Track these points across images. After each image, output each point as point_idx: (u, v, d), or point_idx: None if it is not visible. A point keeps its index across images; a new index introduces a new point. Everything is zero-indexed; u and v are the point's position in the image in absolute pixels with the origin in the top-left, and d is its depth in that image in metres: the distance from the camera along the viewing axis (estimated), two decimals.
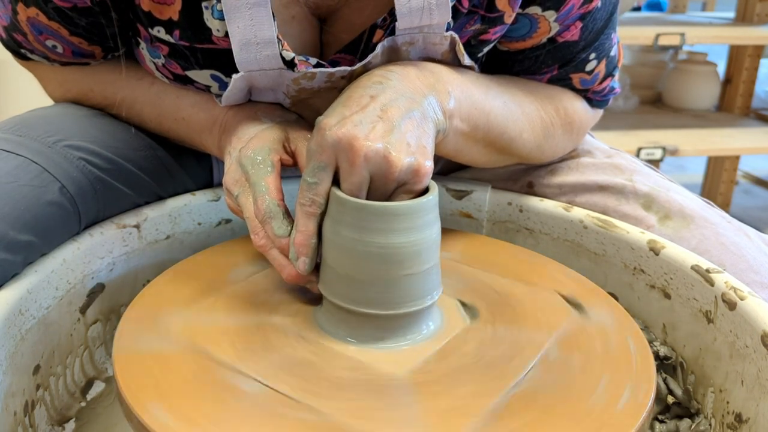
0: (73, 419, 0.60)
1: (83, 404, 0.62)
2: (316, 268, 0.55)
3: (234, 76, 0.62)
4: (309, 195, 0.53)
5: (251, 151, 0.60)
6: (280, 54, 0.61)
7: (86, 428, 0.59)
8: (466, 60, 0.66)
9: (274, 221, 0.56)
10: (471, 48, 0.67)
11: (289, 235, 0.55)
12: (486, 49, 0.69)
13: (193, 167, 0.78)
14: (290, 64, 0.61)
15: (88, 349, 0.65)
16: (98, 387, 0.64)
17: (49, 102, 0.81)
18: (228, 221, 0.76)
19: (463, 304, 0.58)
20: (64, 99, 0.78)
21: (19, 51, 0.73)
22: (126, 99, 0.73)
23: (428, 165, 0.54)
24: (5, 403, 0.52)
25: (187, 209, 0.73)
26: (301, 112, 0.69)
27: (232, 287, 0.59)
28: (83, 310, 0.64)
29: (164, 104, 0.72)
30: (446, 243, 0.58)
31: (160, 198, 0.73)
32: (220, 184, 0.80)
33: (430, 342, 0.53)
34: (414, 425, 0.45)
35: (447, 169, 0.85)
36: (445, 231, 0.58)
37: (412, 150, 0.53)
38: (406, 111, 0.55)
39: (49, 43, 0.69)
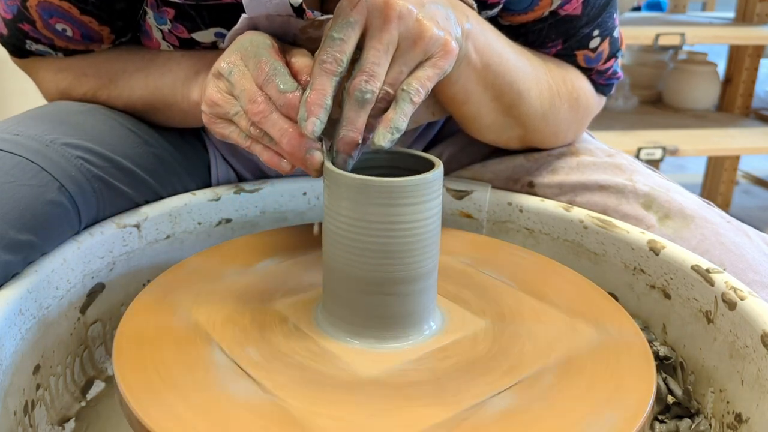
0: (73, 419, 0.60)
1: (83, 404, 0.62)
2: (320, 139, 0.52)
3: (243, 16, 0.60)
4: (332, 52, 0.51)
5: (248, 36, 0.57)
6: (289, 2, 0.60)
7: (86, 428, 0.59)
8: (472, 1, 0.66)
9: (279, 77, 0.52)
10: None
11: (296, 91, 0.52)
12: (484, 15, 0.69)
13: (191, 165, 0.78)
14: (298, 11, 0.61)
15: (88, 349, 0.65)
16: (98, 387, 0.64)
17: None
18: (228, 221, 0.76)
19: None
20: (57, 89, 0.78)
21: (21, 45, 0.74)
22: (117, 72, 0.74)
23: (455, 45, 0.54)
24: (5, 403, 0.52)
25: (187, 209, 0.73)
26: None
27: (232, 287, 0.59)
28: (83, 310, 0.64)
29: (154, 65, 0.72)
30: (447, 243, 0.58)
31: (159, 196, 0.73)
32: (219, 183, 0.80)
33: (431, 342, 0.53)
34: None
35: (447, 169, 0.84)
36: (445, 231, 0.58)
37: (441, 26, 0.54)
38: (434, 1, 0.56)
39: (59, 26, 0.69)
